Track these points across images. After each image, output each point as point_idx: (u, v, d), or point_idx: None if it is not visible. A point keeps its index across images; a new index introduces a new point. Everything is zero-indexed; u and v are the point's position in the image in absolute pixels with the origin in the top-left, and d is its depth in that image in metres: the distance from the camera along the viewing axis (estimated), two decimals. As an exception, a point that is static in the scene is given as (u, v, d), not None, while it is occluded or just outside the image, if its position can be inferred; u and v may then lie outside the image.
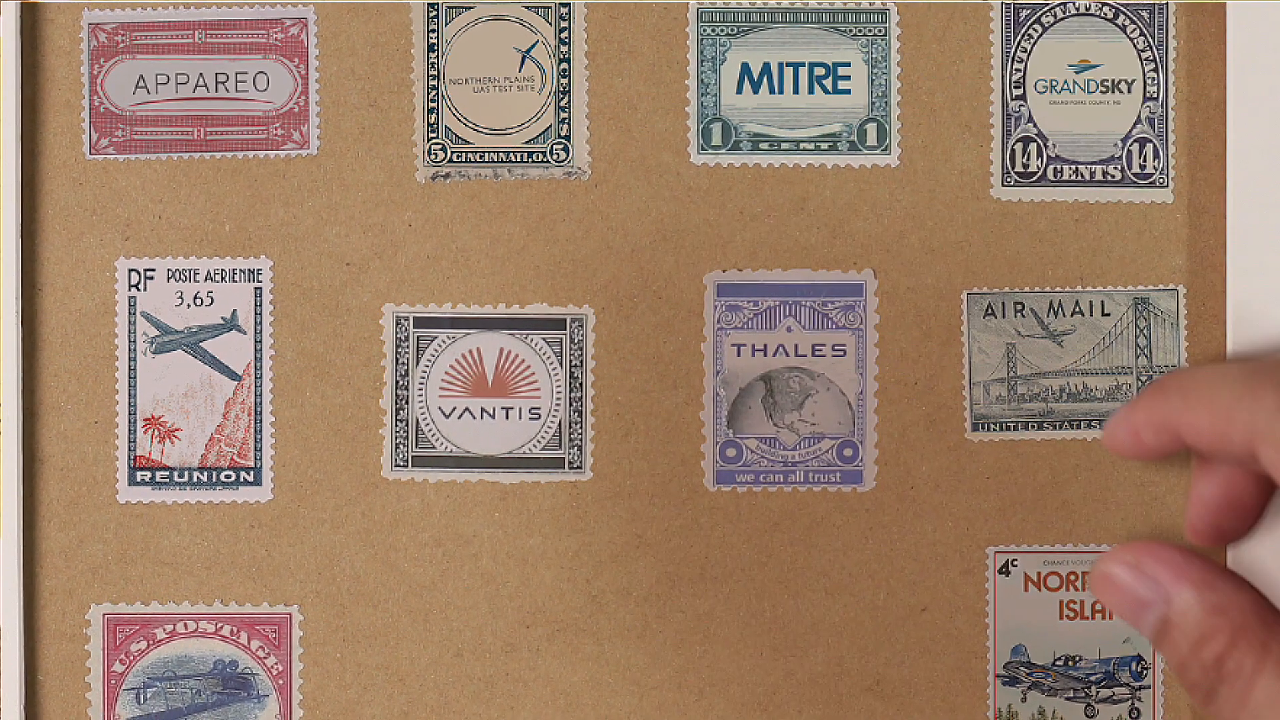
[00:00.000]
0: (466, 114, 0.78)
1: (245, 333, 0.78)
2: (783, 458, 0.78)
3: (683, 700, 0.77)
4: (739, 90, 0.78)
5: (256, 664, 0.78)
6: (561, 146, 0.78)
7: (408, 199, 0.77)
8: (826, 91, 0.78)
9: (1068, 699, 0.78)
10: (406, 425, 0.78)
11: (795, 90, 0.79)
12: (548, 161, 0.78)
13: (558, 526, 0.77)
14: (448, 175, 0.78)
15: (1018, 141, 0.78)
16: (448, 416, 0.78)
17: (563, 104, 0.78)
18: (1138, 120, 0.79)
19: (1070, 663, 0.78)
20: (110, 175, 0.78)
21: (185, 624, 0.78)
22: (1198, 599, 0.38)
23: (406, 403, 0.78)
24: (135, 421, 0.78)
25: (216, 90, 0.78)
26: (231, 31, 0.78)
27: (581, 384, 0.78)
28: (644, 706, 0.78)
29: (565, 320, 0.77)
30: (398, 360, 0.78)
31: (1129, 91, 0.79)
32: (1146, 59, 0.78)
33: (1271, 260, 0.76)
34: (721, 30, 0.78)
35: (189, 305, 0.78)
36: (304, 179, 0.77)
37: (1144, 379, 0.79)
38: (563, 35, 0.78)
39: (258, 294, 0.78)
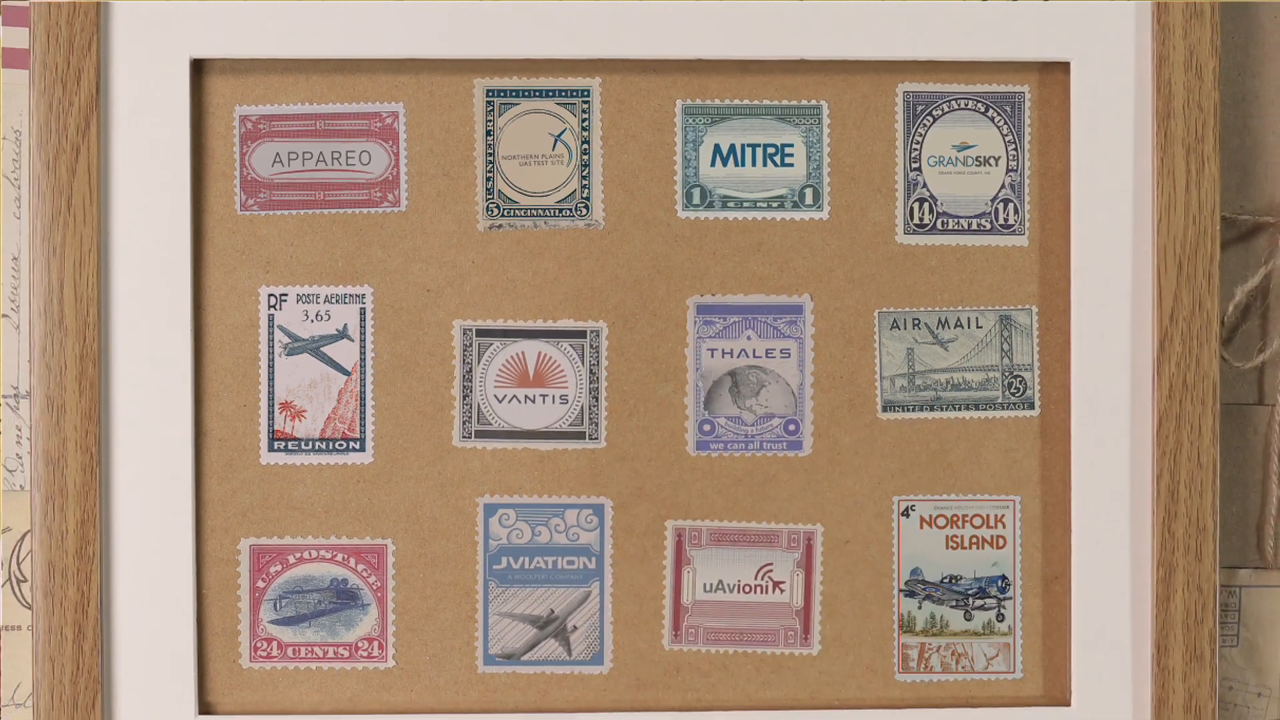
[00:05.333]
0: (514, 181, 0.82)
1: (353, 340, 0.82)
2: (744, 431, 0.83)
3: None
4: (713, 164, 0.82)
5: (361, 582, 0.82)
6: (583, 205, 0.82)
7: (471, 243, 0.82)
8: (776, 165, 0.82)
9: (951, 607, 0.83)
10: (470, 408, 0.82)
11: (754, 164, 0.82)
12: (573, 216, 0.82)
13: (580, 482, 0.82)
14: (500, 226, 0.82)
15: (915, 201, 0.82)
16: (500, 401, 0.82)
17: (584, 174, 0.82)
18: (1002, 186, 0.83)
19: (953, 580, 0.83)
20: (255, 226, 0.82)
21: (309, 552, 0.82)
22: None
23: (470, 391, 0.82)
24: (273, 405, 0.82)
25: (332, 164, 0.81)
26: (343, 121, 0.82)
27: (598, 378, 0.82)
28: (643, 611, 0.84)
29: (586, 331, 0.82)
30: (464, 360, 0.82)
31: (996, 165, 0.83)
32: (1009, 141, 0.83)
33: (1100, 289, 0.81)
34: (700, 120, 0.82)
35: (312, 320, 0.82)
36: (396, 229, 0.82)
37: (1007, 374, 0.82)
38: (584, 124, 0.82)
39: (363, 312, 0.82)
